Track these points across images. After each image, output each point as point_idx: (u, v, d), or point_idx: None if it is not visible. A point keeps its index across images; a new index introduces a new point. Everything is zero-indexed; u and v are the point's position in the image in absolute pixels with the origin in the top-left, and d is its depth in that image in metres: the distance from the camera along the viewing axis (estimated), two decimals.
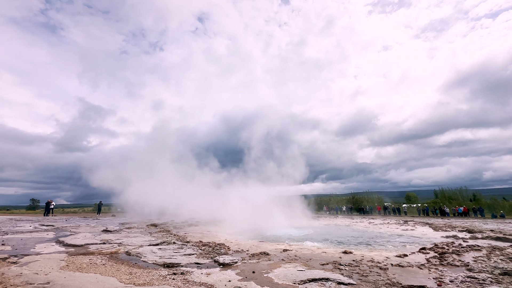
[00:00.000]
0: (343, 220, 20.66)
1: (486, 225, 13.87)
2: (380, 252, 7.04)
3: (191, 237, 9.58)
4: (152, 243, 7.52)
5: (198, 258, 5.77)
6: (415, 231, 12.93)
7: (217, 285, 3.81)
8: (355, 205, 35.85)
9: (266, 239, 9.59)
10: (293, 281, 4.03)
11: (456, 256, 5.99)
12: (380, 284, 3.96)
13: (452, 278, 4.22)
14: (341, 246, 8.22)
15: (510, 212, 26.30)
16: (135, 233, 9.82)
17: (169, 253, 6.10)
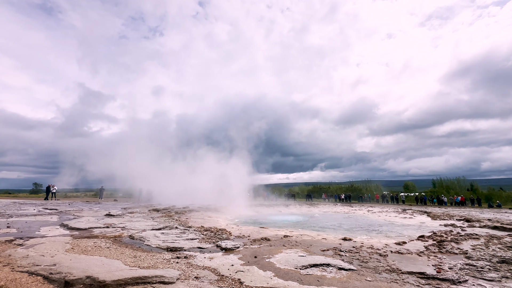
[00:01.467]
0: (342, 208, 20.94)
1: (483, 215, 14.05)
2: (379, 239, 7.15)
3: (192, 222, 9.72)
4: (154, 227, 7.63)
5: (201, 242, 5.86)
6: (413, 219, 13.11)
7: (220, 269, 3.88)
8: (353, 194, 36.25)
9: (266, 225, 9.74)
10: (294, 266, 4.10)
11: (455, 244, 6.08)
12: (381, 270, 4.03)
13: (451, 265, 4.30)
14: (341, 233, 8.35)
15: (507, 202, 26.63)
16: (137, 218, 9.96)
17: (172, 238, 6.20)
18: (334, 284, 3.41)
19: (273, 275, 3.67)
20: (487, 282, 3.55)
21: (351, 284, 3.40)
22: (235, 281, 3.36)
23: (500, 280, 3.64)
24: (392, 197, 30.06)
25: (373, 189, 38.33)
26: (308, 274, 3.76)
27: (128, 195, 27.03)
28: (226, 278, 3.47)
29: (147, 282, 3.13)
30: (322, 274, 3.79)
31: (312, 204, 23.77)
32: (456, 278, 3.63)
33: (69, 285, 2.98)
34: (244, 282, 3.34)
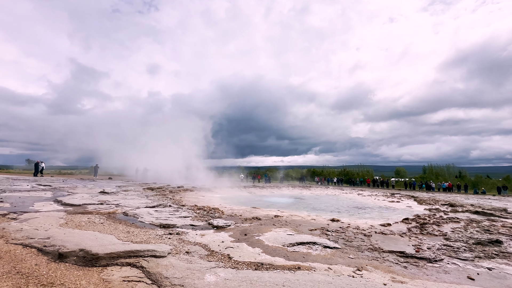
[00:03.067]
0: (333, 191, 21.51)
1: (467, 200, 14.64)
2: (365, 221, 7.46)
3: (186, 201, 9.92)
4: (148, 205, 7.78)
5: (193, 220, 6.03)
6: (400, 203, 13.61)
7: (210, 245, 4.04)
8: (346, 177, 37.08)
9: (258, 206, 10.00)
10: (282, 244, 4.29)
11: (436, 226, 6.39)
12: (363, 249, 4.25)
13: (429, 246, 4.55)
14: (330, 214, 8.66)
15: (492, 189, 27.66)
16: (132, 196, 10.10)
17: (165, 215, 6.35)
18: (318, 260, 3.60)
19: (261, 251, 3.85)
20: (461, 261, 3.80)
21: (334, 261, 3.59)
22: (225, 256, 3.52)
23: (473, 259, 3.89)
24: (383, 182, 30.89)
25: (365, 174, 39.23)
26: (294, 251, 3.95)
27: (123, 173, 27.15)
28: (216, 254, 3.63)
29: (139, 256, 3.25)
30: (308, 252, 3.98)
31: (304, 187, 24.33)
32: (433, 257, 3.86)
33: (63, 257, 3.08)
34: (233, 257, 3.50)
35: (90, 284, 2.50)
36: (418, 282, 2.94)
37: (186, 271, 2.84)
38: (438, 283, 2.96)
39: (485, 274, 3.35)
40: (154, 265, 2.98)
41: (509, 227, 6.37)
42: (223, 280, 2.63)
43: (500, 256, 4.08)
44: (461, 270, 3.44)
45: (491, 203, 12.97)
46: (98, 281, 2.56)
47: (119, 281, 2.58)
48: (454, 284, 2.94)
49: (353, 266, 3.40)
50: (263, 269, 3.09)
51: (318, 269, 3.17)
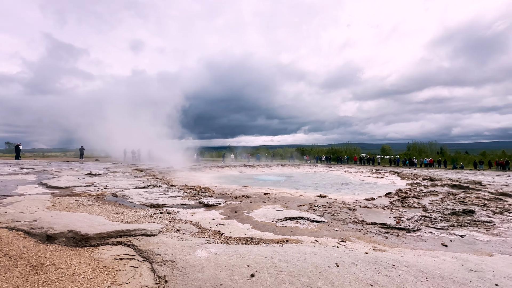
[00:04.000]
0: (322, 168, 22.11)
1: (446, 175, 15.49)
2: (351, 196, 7.79)
3: (176, 181, 9.94)
4: (138, 186, 7.74)
5: (184, 200, 6.09)
6: (384, 179, 14.22)
7: (201, 222, 4.12)
8: (334, 156, 38.02)
9: (248, 184, 10.18)
10: (271, 219, 4.44)
11: (416, 199, 6.77)
12: (348, 222, 4.48)
13: (409, 217, 4.85)
14: (318, 191, 8.96)
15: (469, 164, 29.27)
16: (120, 177, 9.99)
17: (155, 195, 6.37)
18: (306, 234, 3.77)
19: (251, 227, 3.98)
20: (437, 230, 4.09)
21: (320, 234, 3.77)
22: (215, 233, 3.61)
23: (447, 228, 4.20)
24: (369, 159, 31.95)
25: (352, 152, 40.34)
26: (283, 226, 4.11)
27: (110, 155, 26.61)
28: (206, 230, 3.72)
29: (130, 235, 3.28)
30: (296, 226, 4.15)
31: (294, 165, 24.84)
32: (411, 227, 4.13)
33: (51, 238, 3.06)
34: (224, 233, 3.60)
35: (81, 263, 2.52)
36: (397, 250, 3.16)
37: (177, 247, 2.90)
38: (415, 250, 3.20)
39: (457, 241, 3.63)
40: (145, 243, 3.03)
41: (482, 198, 6.85)
42: (214, 255, 2.72)
43: (471, 225, 4.41)
44: (436, 238, 3.71)
45: (468, 177, 13.80)
46: (89, 260, 2.58)
47: (110, 259, 2.61)
48: (429, 251, 3.18)
49: (338, 238, 3.59)
50: (253, 244, 3.21)
51: (305, 242, 3.33)
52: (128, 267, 2.46)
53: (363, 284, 2.15)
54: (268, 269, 2.39)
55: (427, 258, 2.84)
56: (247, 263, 2.50)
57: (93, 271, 2.36)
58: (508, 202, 6.40)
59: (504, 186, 9.79)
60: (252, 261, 2.55)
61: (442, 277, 2.33)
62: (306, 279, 2.20)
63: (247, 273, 2.29)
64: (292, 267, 2.43)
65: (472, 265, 2.65)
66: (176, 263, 2.49)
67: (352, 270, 2.41)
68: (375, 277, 2.27)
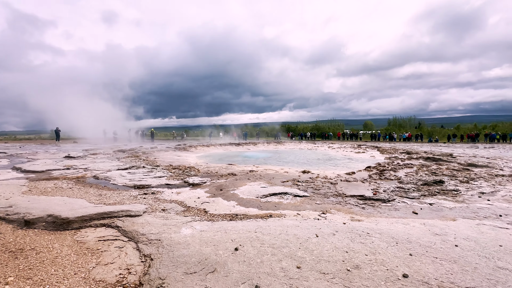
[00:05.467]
0: (306, 145, 22.58)
1: (422, 148, 16.39)
2: (333, 171, 8.10)
3: (161, 161, 9.81)
4: (120, 167, 7.58)
5: (169, 180, 6.07)
6: (365, 153, 14.82)
7: (187, 201, 4.16)
8: (318, 132, 38.77)
9: (234, 162, 10.26)
10: (256, 196, 4.56)
11: (393, 172, 7.18)
12: (329, 195, 4.70)
13: (385, 189, 5.16)
14: (302, 167, 9.23)
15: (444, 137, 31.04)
16: (101, 159, 9.70)
17: (139, 176, 6.28)
18: (289, 208, 3.93)
19: (235, 204, 4.08)
20: (409, 200, 4.40)
21: (302, 207, 3.95)
22: (201, 211, 3.68)
23: (419, 198, 4.53)
24: (352, 135, 32.93)
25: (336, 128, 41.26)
26: (267, 202, 4.25)
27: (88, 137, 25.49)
28: (192, 209, 3.77)
29: (113, 217, 3.26)
30: (280, 201, 4.30)
31: (279, 142, 25.15)
32: (387, 198, 4.42)
33: (30, 223, 2.99)
34: (209, 211, 3.67)
35: (63, 246, 2.50)
36: (372, 219, 3.40)
37: (163, 226, 2.94)
38: (389, 218, 3.45)
39: (426, 208, 3.94)
40: (130, 224, 3.03)
41: (452, 169, 7.37)
42: (199, 232, 2.79)
43: (440, 193, 4.78)
44: (408, 207, 4.01)
45: (441, 150, 14.69)
46: (72, 243, 2.57)
47: (94, 241, 2.61)
48: (401, 219, 3.44)
49: (319, 210, 3.78)
50: (237, 219, 3.32)
51: (288, 216, 3.49)
52: (113, 248, 2.47)
53: (339, 251, 2.32)
54: (252, 242, 2.50)
55: (398, 225, 3.09)
56: (232, 238, 2.59)
57: (76, 253, 2.36)
58: (474, 172, 6.95)
59: (472, 157, 10.56)
60: (236, 236, 2.65)
61: (410, 241, 2.56)
62: (287, 250, 2.34)
63: (231, 247, 2.39)
64: (275, 240, 2.56)
65: (437, 230, 2.92)
66: (162, 241, 2.53)
67: (330, 239, 2.58)
68: (351, 245, 2.45)
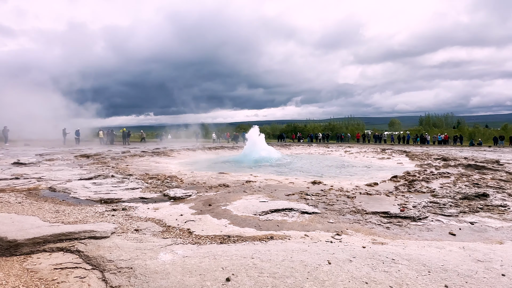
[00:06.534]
0: (317, 149, 22.66)
1: (462, 153, 16.49)
2: (350, 181, 8.13)
3: (134, 169, 9.81)
4: (83, 177, 7.58)
5: (144, 192, 6.06)
6: (391, 159, 14.90)
7: (166, 219, 4.16)
8: (332, 133, 38.92)
9: (226, 170, 10.27)
10: (254, 212, 4.57)
11: (425, 183, 7.22)
12: (345, 212, 4.72)
13: (415, 204, 5.19)
14: (311, 176, 9.25)
15: (489, 139, 31.23)
16: (59, 166, 9.69)
17: (106, 188, 6.28)
18: (295, 228, 3.94)
19: (228, 222, 4.08)
20: (445, 217, 4.43)
21: (311, 227, 3.96)
22: (184, 231, 3.68)
23: (457, 215, 4.55)
24: (375, 137, 33.08)
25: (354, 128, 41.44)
26: (267, 220, 4.25)
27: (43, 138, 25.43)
28: (173, 229, 3.77)
29: (74, 238, 3.26)
30: (283, 219, 4.31)
31: (284, 145, 25.23)
32: (417, 216, 4.44)
33: None
34: (194, 231, 3.67)
35: (9, 276, 2.49)
36: (399, 242, 3.41)
37: (136, 251, 2.94)
38: (419, 241, 3.46)
39: (466, 228, 3.96)
40: (94, 247, 3.03)
41: (498, 180, 7.42)
42: (181, 258, 2.79)
43: (484, 210, 4.81)
44: (444, 227, 4.03)
45: (485, 155, 14.79)
46: (20, 272, 2.56)
47: (49, 270, 2.60)
48: (435, 241, 3.46)
49: (332, 231, 3.79)
50: (230, 242, 3.32)
51: (293, 237, 3.49)
52: (72, 278, 2.46)
53: (357, 282, 2.33)
54: (248, 271, 2.50)
55: (431, 250, 3.10)
56: (222, 266, 2.59)
57: (26, 285, 2.34)
58: None
59: None
60: (228, 263, 2.65)
61: (446, 270, 2.57)
62: (292, 281, 2.34)
63: (222, 277, 2.39)
64: (276, 268, 2.56)
65: (480, 255, 2.93)
66: (134, 270, 2.53)
67: (346, 267, 2.59)
68: (372, 274, 2.46)
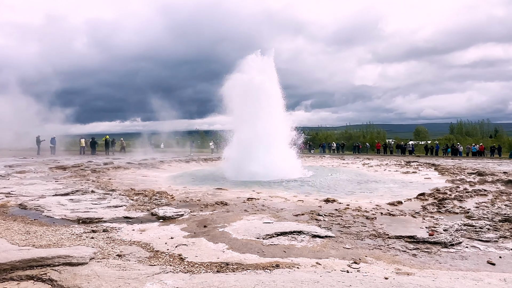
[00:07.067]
0: (331, 161, 22.61)
1: (500, 167, 16.35)
2: (370, 199, 8.08)
3: (118, 183, 9.84)
4: (59, 192, 7.63)
5: (129, 211, 6.06)
6: (417, 174, 14.80)
7: (154, 243, 4.13)
8: (348, 142, 38.87)
9: (225, 186, 10.25)
10: (256, 236, 4.53)
11: (458, 202, 7.14)
12: (364, 236, 4.66)
13: (446, 227, 5.12)
14: (323, 193, 9.19)
15: None
16: (32, 179, 9.77)
17: (85, 205, 6.30)
18: (304, 254, 3.89)
19: (226, 247, 4.04)
20: (482, 243, 4.35)
21: (324, 254, 3.91)
22: (174, 258, 3.65)
23: (496, 240, 4.48)
24: (398, 147, 32.98)
25: (374, 137, 41.38)
26: (272, 245, 4.21)
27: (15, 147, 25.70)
28: (162, 255, 3.75)
29: (46, 265, 3.24)
30: (291, 244, 4.26)
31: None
32: (449, 241, 4.37)
33: None
34: (187, 258, 3.64)
35: None
36: (428, 272, 3.35)
37: (118, 280, 2.91)
38: (452, 271, 3.40)
39: (508, 257, 3.88)
40: (70, 276, 3.01)
41: None
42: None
43: None
44: (481, 254, 3.96)
45: None
46: None
47: None
48: (471, 272, 3.39)
49: (349, 258, 3.74)
50: (229, 271, 3.28)
51: (302, 266, 3.44)
52: None
53: None
54: None
55: (467, 282, 3.04)
56: None
57: None
58: None
59: None
60: None
61: None
62: None
63: None
64: None
65: None
66: None
67: None
68: None
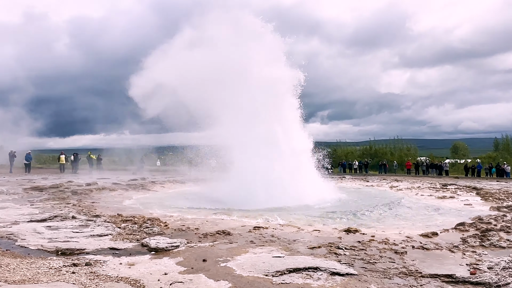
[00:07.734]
0: (352, 183, 22.49)
1: None
2: (399, 229, 8.01)
3: (103, 208, 9.91)
4: (35, 218, 7.70)
5: (116, 240, 6.10)
6: (455, 199, 14.61)
7: (145, 280, 4.15)
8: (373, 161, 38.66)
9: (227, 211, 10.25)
10: (264, 272, 4.52)
11: (504, 234, 7.04)
12: (392, 274, 4.62)
13: (491, 264, 5.04)
14: (344, 221, 9.14)
15: None
16: (4, 202, 9.90)
17: (65, 234, 6.35)
18: None
19: (229, 286, 4.04)
20: None
21: None
22: None
23: None
24: (433, 166, 32.67)
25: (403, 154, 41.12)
26: (284, 283, 4.20)
27: None
28: None
29: None
30: (306, 283, 4.25)
31: None
32: (495, 281, 4.31)
33: None
34: None
35: None
36: None
37: None
38: None
39: None
40: None
41: None
42: None
43: None
44: None
45: None
46: None
47: None
48: None
49: None
50: None
51: None
52: None
53: None
54: None
55: None
56: None
57: None
58: None
59: None
60: None
61: None
62: None
63: None
64: None
65: None
66: None
67: None
68: None
